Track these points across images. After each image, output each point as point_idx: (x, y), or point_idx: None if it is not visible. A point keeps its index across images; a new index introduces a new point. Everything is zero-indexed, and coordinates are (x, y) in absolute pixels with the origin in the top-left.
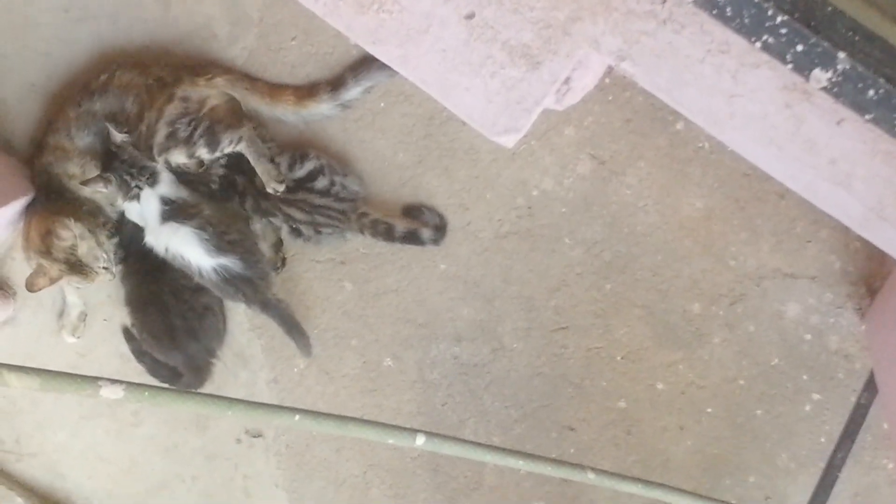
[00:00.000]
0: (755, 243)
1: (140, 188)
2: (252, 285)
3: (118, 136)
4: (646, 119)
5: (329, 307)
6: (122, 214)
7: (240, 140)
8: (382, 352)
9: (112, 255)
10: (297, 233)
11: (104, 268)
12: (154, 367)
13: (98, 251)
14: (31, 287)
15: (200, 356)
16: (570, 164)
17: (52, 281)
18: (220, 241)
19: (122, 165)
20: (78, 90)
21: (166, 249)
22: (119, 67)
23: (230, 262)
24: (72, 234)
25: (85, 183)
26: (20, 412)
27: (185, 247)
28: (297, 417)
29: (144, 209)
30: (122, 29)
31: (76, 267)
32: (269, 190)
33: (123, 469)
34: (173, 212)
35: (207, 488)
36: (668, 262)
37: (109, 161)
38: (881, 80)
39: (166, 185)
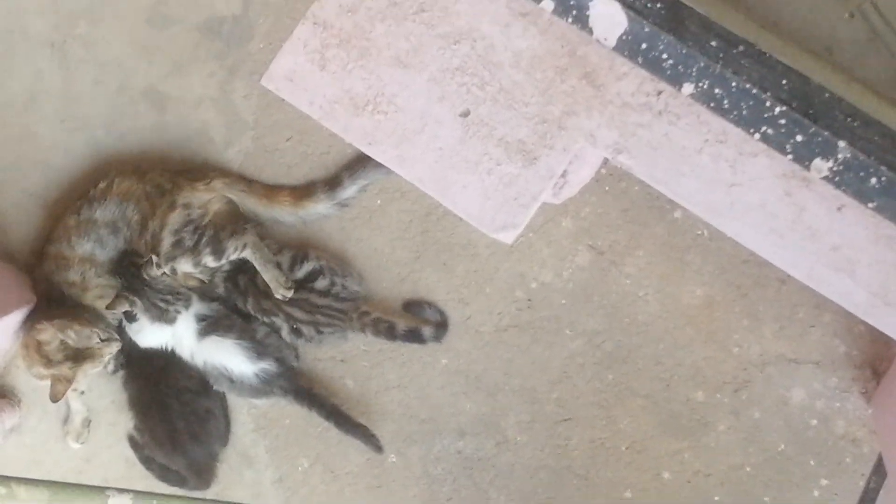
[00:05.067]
0: (758, 330)
1: (178, 312)
2: (285, 378)
3: (156, 271)
4: (643, 208)
5: None
6: (120, 322)
7: (244, 247)
8: (386, 448)
9: (103, 325)
10: (297, 332)
11: (104, 340)
12: (162, 473)
13: (86, 331)
14: (55, 398)
15: (203, 459)
16: (569, 256)
17: (71, 380)
18: (258, 346)
19: (156, 294)
20: (77, 199)
21: (204, 363)
22: (117, 175)
23: (268, 364)
24: (51, 332)
25: (110, 306)
26: None
27: (228, 358)
28: None
29: (180, 329)
30: (119, 136)
31: (80, 356)
32: (278, 296)
33: None
34: (210, 326)
35: None
36: (670, 350)
37: (134, 285)
38: (883, 168)
39: (198, 303)
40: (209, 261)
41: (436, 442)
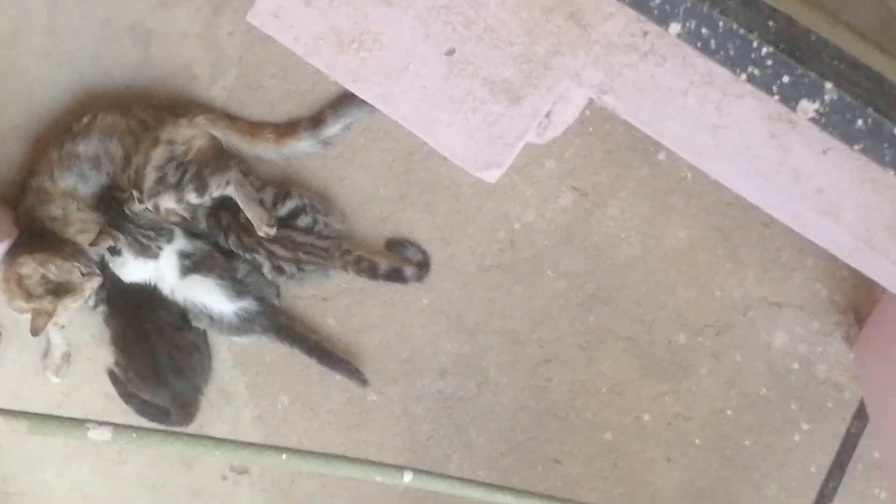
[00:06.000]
0: (741, 273)
1: (161, 248)
2: (266, 317)
3: (139, 206)
4: (627, 150)
5: None
6: (102, 257)
7: (227, 184)
8: (367, 387)
9: (85, 259)
10: (279, 270)
11: (85, 275)
12: (142, 408)
13: (67, 265)
14: (36, 331)
15: (187, 393)
16: (552, 197)
17: (51, 314)
18: (238, 285)
19: (139, 229)
20: (60, 133)
21: (184, 300)
22: (101, 110)
23: (248, 303)
24: (32, 265)
25: (94, 243)
26: (7, 452)
27: (207, 297)
28: (284, 456)
29: (162, 265)
30: (104, 71)
31: (61, 290)
32: (260, 233)
33: None
34: (194, 265)
35: None
36: (653, 293)
37: (116, 220)
38: (869, 110)
39: (181, 240)
40: (192, 197)
41: (416, 381)
